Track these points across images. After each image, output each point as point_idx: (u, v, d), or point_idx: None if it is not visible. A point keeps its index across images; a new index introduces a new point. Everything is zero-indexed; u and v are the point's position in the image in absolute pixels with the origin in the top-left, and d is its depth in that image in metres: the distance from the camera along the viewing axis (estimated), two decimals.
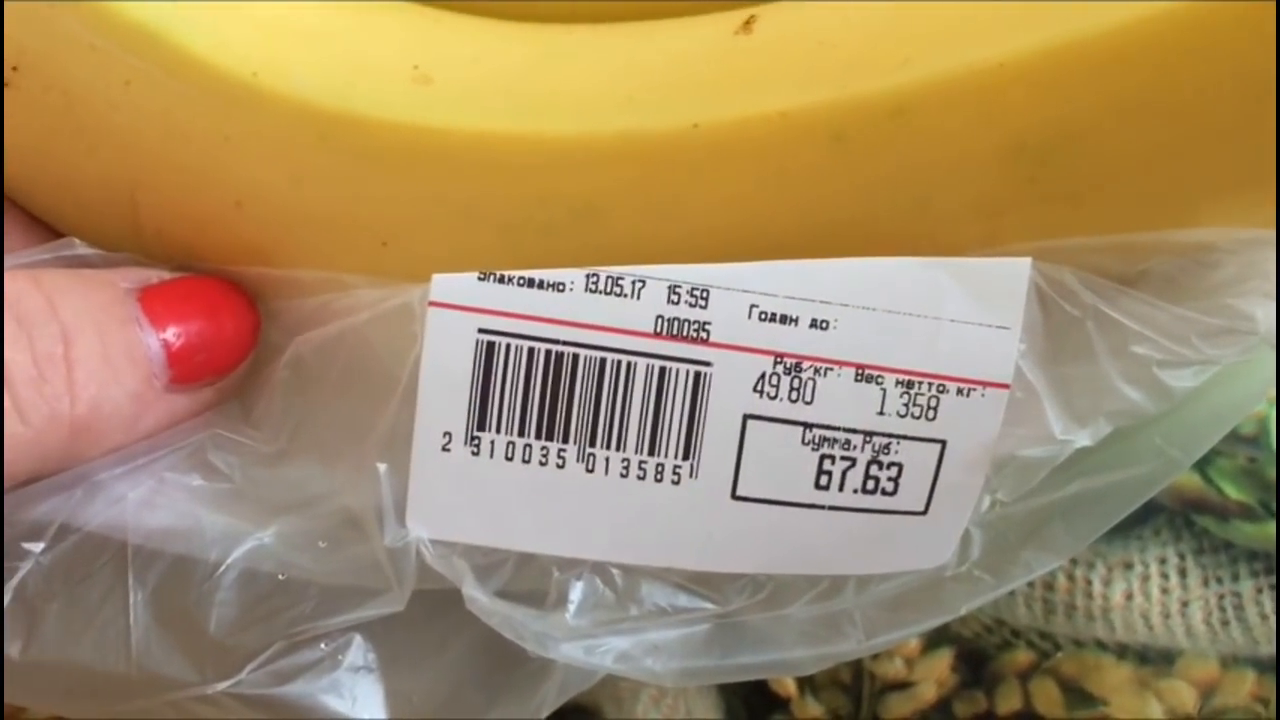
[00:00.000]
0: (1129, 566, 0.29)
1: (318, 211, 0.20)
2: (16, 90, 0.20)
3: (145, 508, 0.20)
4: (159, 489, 0.20)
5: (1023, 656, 0.29)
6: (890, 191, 0.18)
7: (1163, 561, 0.30)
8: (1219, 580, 0.29)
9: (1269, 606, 0.29)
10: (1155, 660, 0.29)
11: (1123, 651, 0.29)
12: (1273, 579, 0.29)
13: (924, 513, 0.20)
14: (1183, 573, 0.29)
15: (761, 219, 0.19)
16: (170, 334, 0.19)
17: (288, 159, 0.19)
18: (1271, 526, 0.30)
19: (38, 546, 0.20)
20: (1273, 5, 0.16)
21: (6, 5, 0.20)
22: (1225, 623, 0.29)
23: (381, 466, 0.19)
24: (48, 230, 0.22)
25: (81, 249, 0.21)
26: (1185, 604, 0.29)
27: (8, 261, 0.20)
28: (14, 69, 0.20)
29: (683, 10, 0.21)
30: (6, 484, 0.19)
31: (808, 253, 0.19)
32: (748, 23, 0.19)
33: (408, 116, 0.19)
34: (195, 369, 0.19)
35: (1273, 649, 0.28)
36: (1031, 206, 0.18)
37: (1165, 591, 0.29)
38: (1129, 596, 0.29)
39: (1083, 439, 0.20)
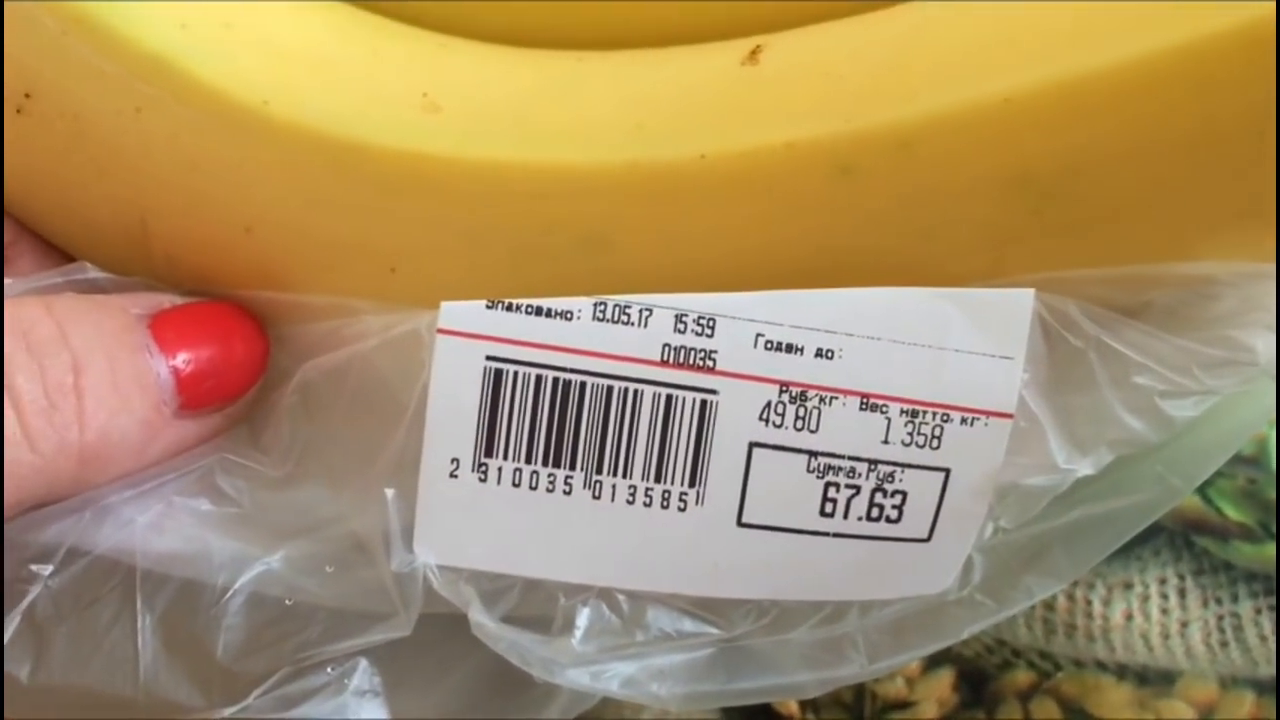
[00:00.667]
0: (1129, 587, 0.30)
1: (327, 237, 0.20)
2: (29, 116, 0.20)
3: (153, 532, 0.20)
4: (167, 513, 0.20)
5: (1023, 676, 0.29)
6: (896, 222, 0.18)
7: (1162, 582, 0.30)
8: (1218, 601, 0.29)
9: (1268, 628, 0.29)
10: (1155, 681, 0.29)
11: (1122, 672, 0.29)
12: (1272, 600, 0.29)
13: (927, 540, 0.20)
14: (1182, 593, 0.30)
15: (768, 248, 0.19)
16: (180, 360, 0.19)
17: (298, 185, 0.20)
18: (1271, 548, 0.30)
19: (46, 569, 0.20)
20: (1273, 43, 0.16)
21: (21, 32, 0.20)
22: (1224, 644, 0.29)
23: (389, 492, 0.20)
24: (60, 255, 0.22)
25: (93, 273, 0.21)
26: (1185, 624, 0.29)
27: (20, 286, 0.20)
28: (26, 95, 0.20)
29: (690, 37, 0.21)
30: (16, 510, 0.19)
31: (813, 282, 0.19)
32: (754, 53, 0.20)
33: (416, 144, 0.19)
34: (204, 395, 0.20)
35: (1272, 670, 0.28)
36: (1035, 238, 0.18)
37: (1165, 612, 0.29)
38: (1129, 617, 0.29)
39: (1085, 468, 0.20)
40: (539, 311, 0.19)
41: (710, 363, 0.19)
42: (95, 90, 0.20)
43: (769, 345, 0.19)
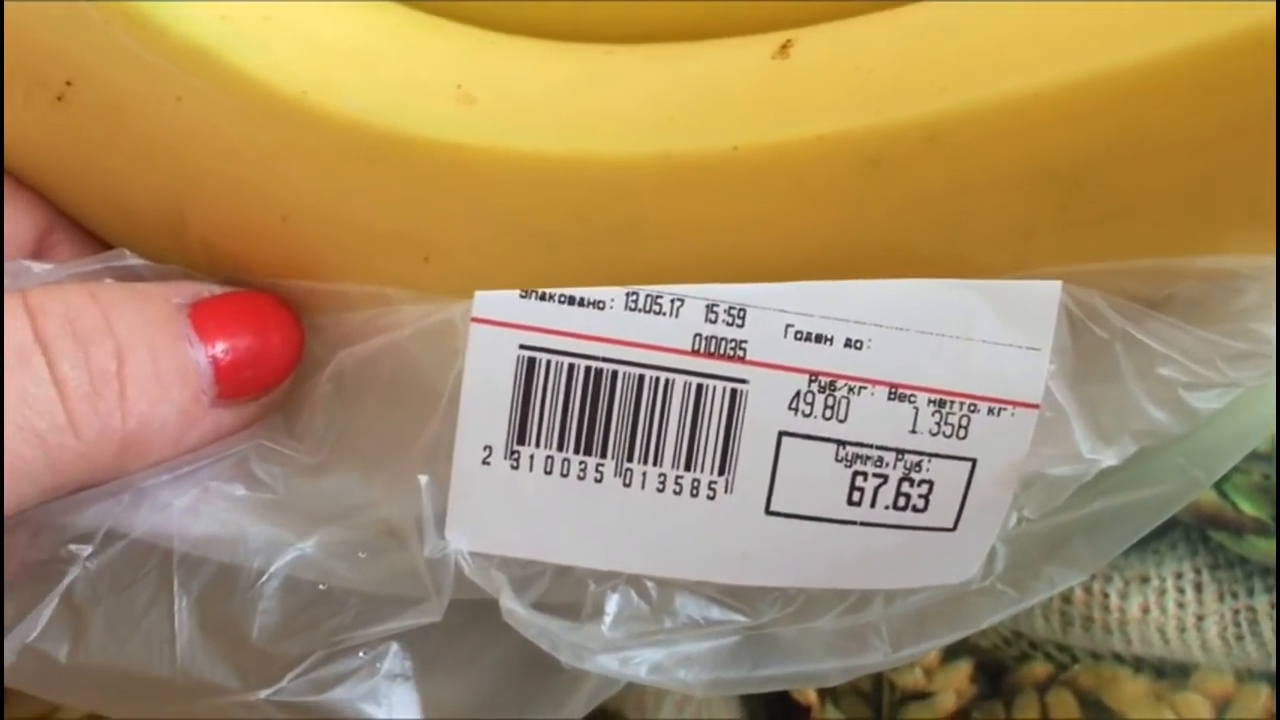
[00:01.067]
0: (1146, 580, 0.29)
1: (362, 226, 0.20)
2: (70, 104, 0.20)
3: (190, 515, 0.20)
4: (203, 497, 0.20)
5: (1040, 668, 0.29)
6: (924, 215, 0.18)
7: (1179, 576, 0.30)
8: (1234, 595, 0.29)
9: None
10: (1171, 673, 0.29)
11: (1139, 664, 0.29)
12: None
13: (953, 529, 0.20)
14: (1198, 587, 0.29)
15: (797, 239, 0.19)
16: (219, 350, 0.19)
17: (334, 175, 0.20)
18: None
19: (85, 550, 0.20)
20: None
21: (64, 21, 0.20)
22: (1240, 637, 0.29)
23: (423, 478, 0.20)
24: (97, 242, 0.22)
25: (132, 260, 0.21)
26: (1201, 618, 0.29)
27: (61, 272, 0.20)
28: (68, 83, 0.20)
29: (721, 31, 0.21)
30: (56, 494, 0.19)
31: (842, 273, 0.19)
32: (785, 47, 0.20)
33: (451, 135, 0.19)
34: (241, 385, 0.19)
35: None
36: (1061, 231, 0.18)
37: (1181, 606, 0.29)
38: (1145, 610, 0.29)
39: (1109, 458, 0.20)
40: (572, 301, 0.19)
41: (741, 352, 0.19)
42: (137, 79, 0.20)
43: (799, 335, 0.19)
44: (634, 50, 0.21)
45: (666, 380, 0.19)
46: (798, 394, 0.19)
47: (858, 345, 0.19)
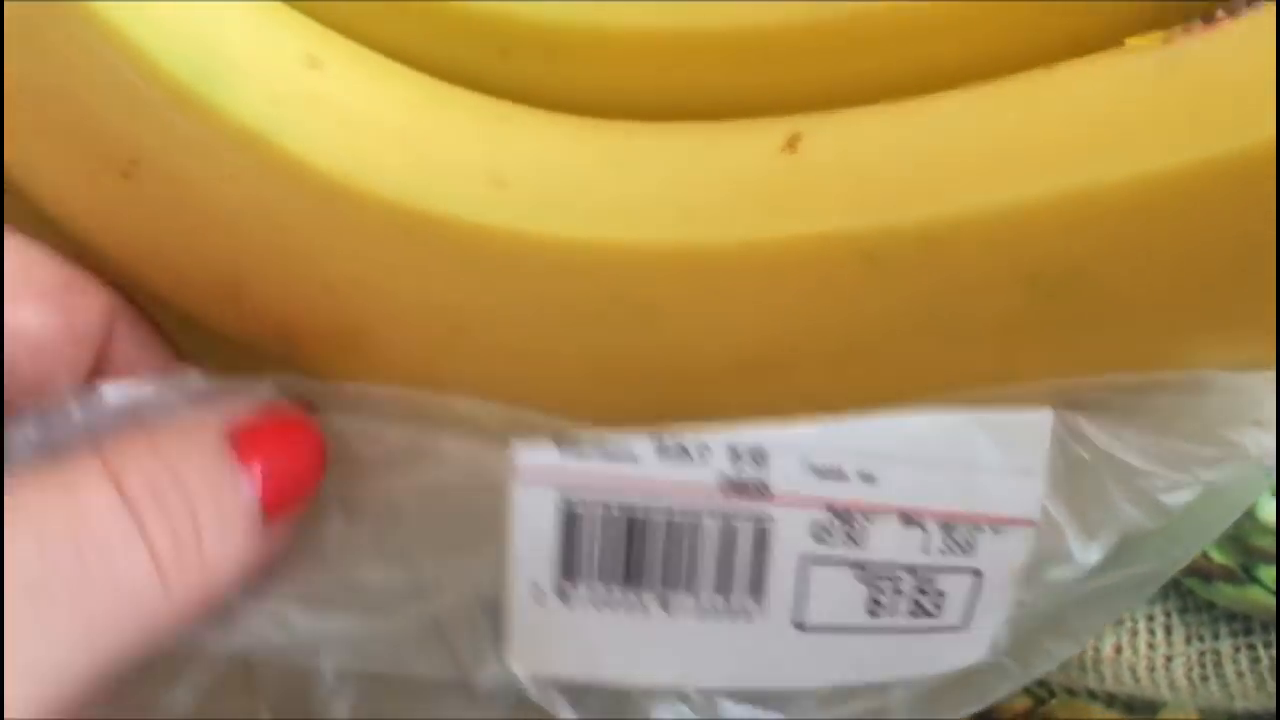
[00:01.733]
0: (1120, 622, 0.30)
1: (399, 298, 0.20)
2: (135, 181, 0.21)
3: (263, 625, 0.20)
4: (274, 610, 0.20)
5: (1019, 703, 0.30)
6: (916, 311, 0.19)
7: (1150, 619, 0.30)
8: (1201, 638, 0.30)
9: (1245, 665, 0.30)
10: (1140, 710, 0.29)
11: (1111, 700, 0.29)
12: (1250, 639, 0.30)
13: (963, 626, 0.21)
14: (1168, 630, 0.30)
15: (800, 330, 0.19)
16: (260, 474, 0.19)
17: (374, 251, 0.20)
18: (1251, 590, 0.31)
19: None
20: (1268, 170, 0.17)
21: (128, 104, 0.20)
22: (1205, 678, 0.30)
23: (482, 613, 0.20)
24: (153, 327, 0.22)
25: (194, 380, 0.21)
26: (1169, 659, 0.30)
27: (127, 391, 0.20)
28: (133, 162, 0.21)
29: (734, 109, 0.21)
30: (150, 650, 0.19)
31: (841, 365, 0.19)
32: (793, 141, 0.20)
33: (483, 218, 0.20)
34: (280, 505, 0.20)
35: (1247, 704, 0.29)
36: (1041, 333, 0.19)
37: (1152, 647, 0.30)
38: (1119, 650, 0.30)
39: (1095, 554, 0.20)
40: (606, 454, 0.19)
41: (764, 491, 0.19)
42: (195, 159, 0.20)
43: (816, 472, 0.19)
44: (653, 132, 0.21)
45: (698, 521, 0.19)
46: (818, 524, 0.20)
47: (870, 478, 0.19)
